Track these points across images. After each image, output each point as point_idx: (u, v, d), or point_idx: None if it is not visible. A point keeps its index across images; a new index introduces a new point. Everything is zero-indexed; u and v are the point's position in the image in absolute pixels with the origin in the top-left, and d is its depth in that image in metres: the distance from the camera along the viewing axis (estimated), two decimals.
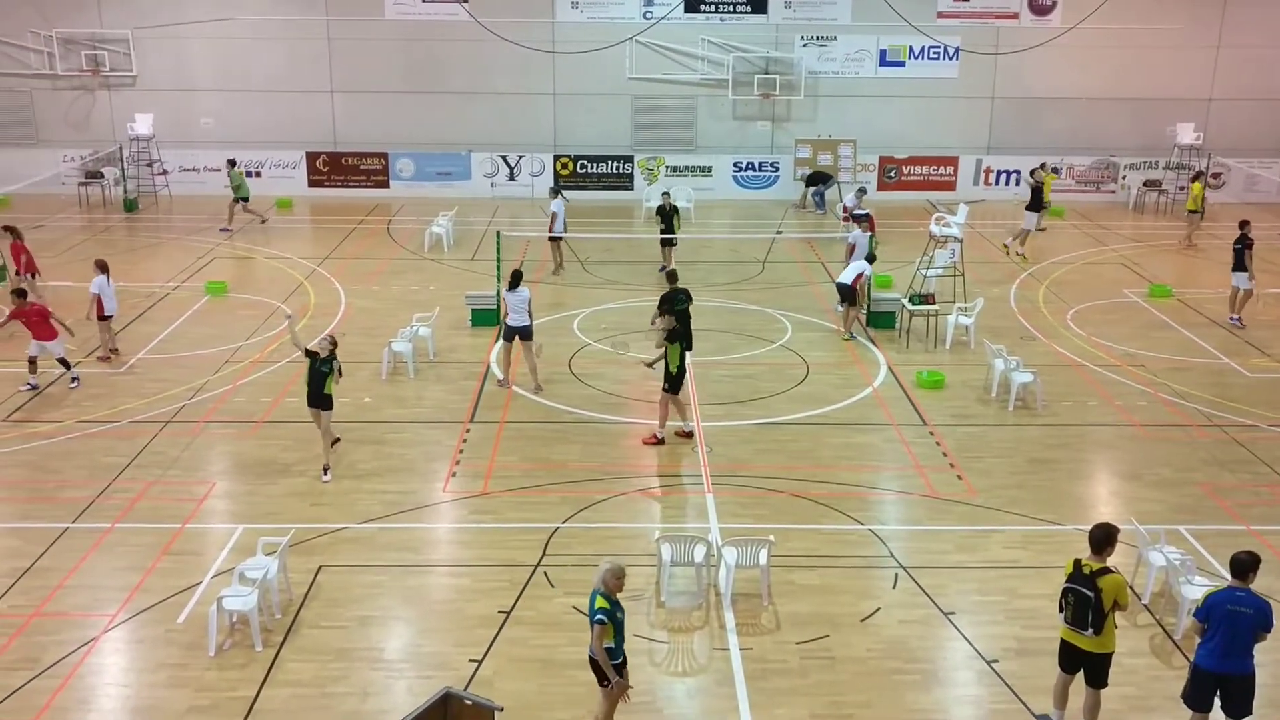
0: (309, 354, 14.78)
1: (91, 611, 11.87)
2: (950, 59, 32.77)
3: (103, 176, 31.66)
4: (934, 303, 20.79)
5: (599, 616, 9.29)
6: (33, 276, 21.22)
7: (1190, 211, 28.27)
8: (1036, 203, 27.16)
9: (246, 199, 28.74)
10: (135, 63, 32.10)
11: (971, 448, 16.18)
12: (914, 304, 20.71)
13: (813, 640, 11.48)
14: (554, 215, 24.65)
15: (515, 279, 18.07)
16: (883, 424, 17.05)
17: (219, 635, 11.20)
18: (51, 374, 18.15)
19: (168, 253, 26.48)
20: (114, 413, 16.97)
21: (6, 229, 21.43)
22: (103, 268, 19.33)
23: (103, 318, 19.10)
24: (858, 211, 26.91)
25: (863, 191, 27.68)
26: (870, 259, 21.07)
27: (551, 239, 25.00)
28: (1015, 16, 32.61)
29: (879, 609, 12.06)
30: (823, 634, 11.58)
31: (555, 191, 25.59)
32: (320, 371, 14.68)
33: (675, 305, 18.18)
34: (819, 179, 31.72)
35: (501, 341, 18.53)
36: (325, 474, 14.92)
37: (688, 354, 16.56)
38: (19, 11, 31.57)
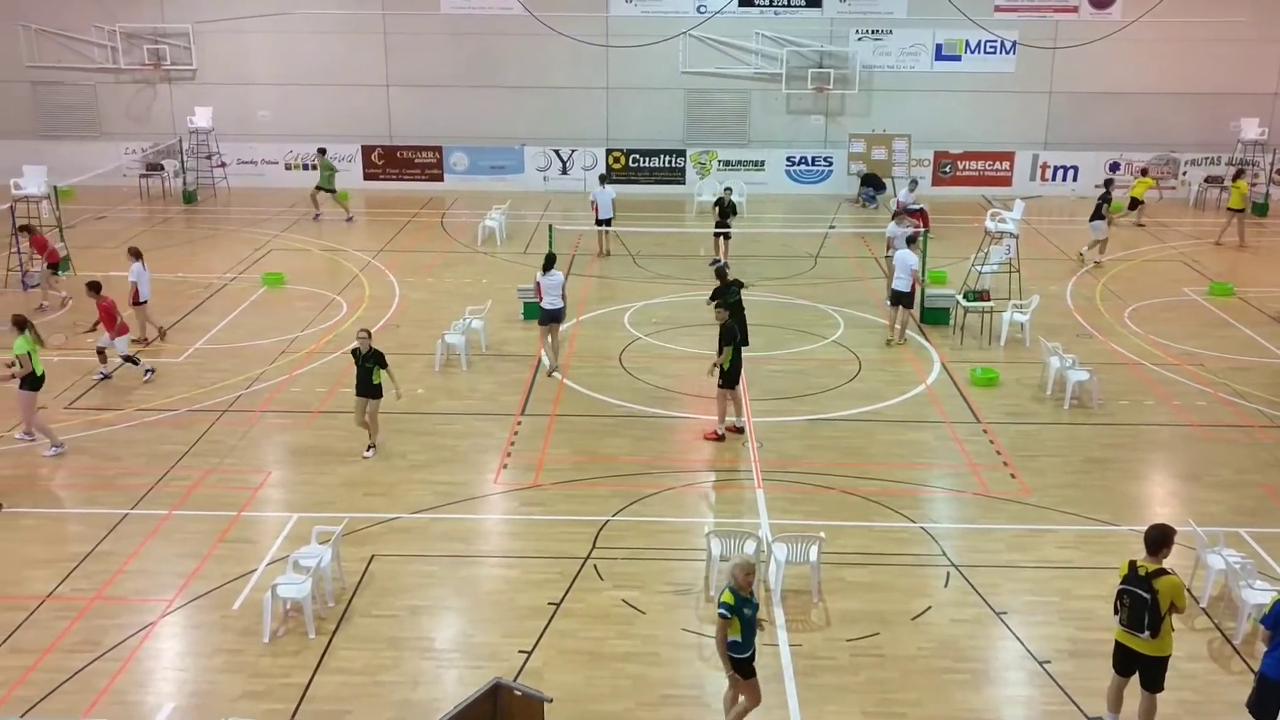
0: (353, 353, 15.25)
1: (150, 596, 12.08)
2: (1007, 53, 32.38)
3: (163, 169, 32.17)
4: (989, 299, 20.58)
5: (721, 611, 9.40)
6: (51, 267, 21.70)
7: (1234, 210, 27.61)
8: (1100, 211, 26.77)
9: (328, 190, 29.10)
10: (195, 57, 32.57)
11: (1025, 446, 16.00)
12: (968, 300, 20.51)
13: (863, 638, 11.42)
14: (593, 202, 25.69)
15: (549, 262, 18.49)
16: (935, 421, 16.90)
17: (273, 622, 11.35)
18: (114, 363, 18.49)
19: (225, 244, 26.85)
20: (172, 402, 17.25)
21: (25, 228, 22.03)
22: (137, 255, 19.78)
23: (138, 303, 19.52)
24: (911, 206, 26.72)
25: (915, 184, 27.43)
26: (910, 240, 20.73)
27: (598, 222, 25.68)
28: (1075, 10, 32.14)
29: (930, 607, 11.97)
30: (873, 631, 11.51)
31: (602, 180, 26.23)
32: (365, 367, 15.07)
33: (729, 298, 18.15)
34: (872, 181, 31.43)
35: (540, 328, 18.77)
36: (369, 450, 15.34)
37: (742, 349, 16.49)
38: (84, 7, 32.15)
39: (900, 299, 19.97)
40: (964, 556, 13.00)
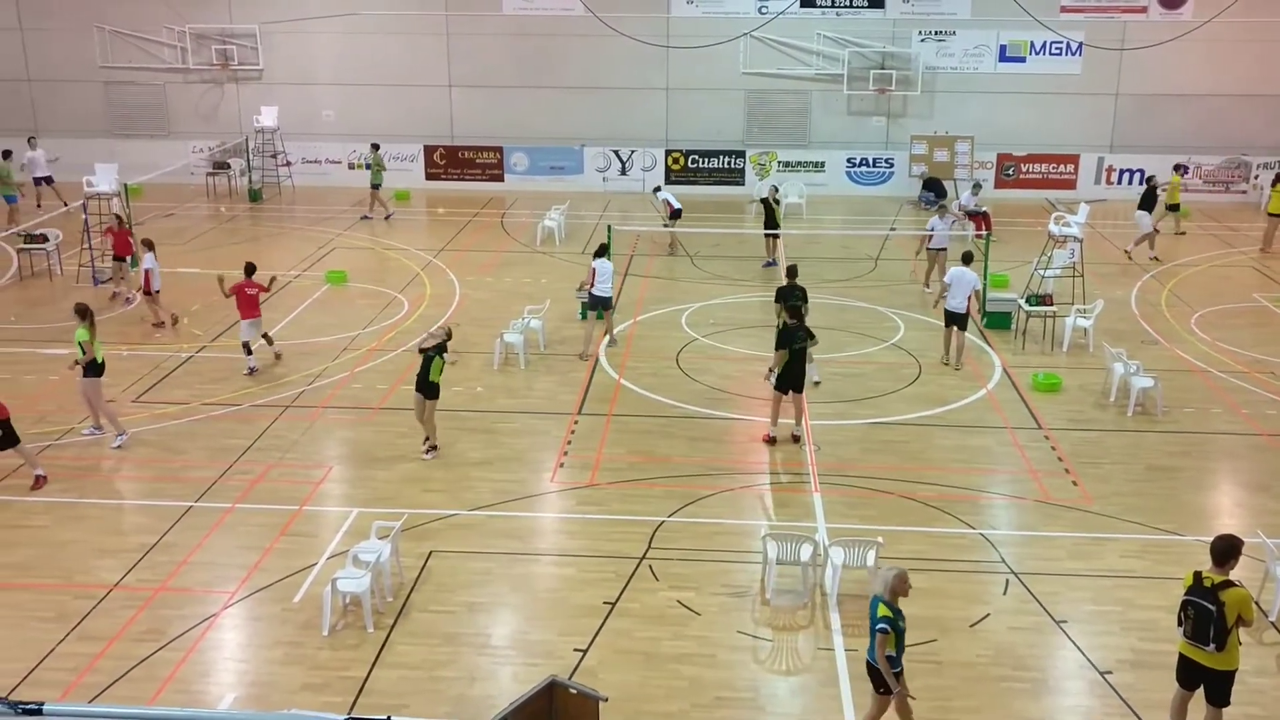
0: (422, 350, 15.32)
1: (213, 588, 12.29)
2: (1073, 54, 31.91)
3: (229, 167, 32.69)
4: (1052, 304, 20.31)
5: (881, 625, 9.17)
6: (125, 260, 22.05)
7: (1272, 215, 26.87)
8: (1148, 203, 26.35)
9: (378, 186, 29.41)
10: (262, 57, 33.07)
11: (1088, 453, 15.78)
12: (1031, 305, 20.26)
13: (920, 644, 11.32)
14: (665, 201, 26.25)
15: (601, 250, 19.54)
16: (996, 426, 16.72)
17: (333, 616, 11.51)
18: (236, 355, 18.84)
19: (289, 242, 27.23)
20: (235, 396, 17.54)
21: (116, 217, 22.45)
22: (150, 245, 20.51)
23: (149, 293, 20.22)
24: (973, 209, 26.46)
25: (978, 187, 27.15)
26: (967, 259, 19.42)
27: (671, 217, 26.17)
28: (1144, 10, 31.60)
29: (989, 614, 11.85)
30: (931, 638, 11.42)
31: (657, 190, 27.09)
32: (428, 357, 15.11)
33: (790, 300, 18.10)
34: (933, 186, 31.07)
35: (590, 314, 19.59)
36: (428, 452, 15.39)
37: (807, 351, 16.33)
38: (155, 8, 32.77)
39: (955, 320, 18.97)
40: (1024, 564, 12.85)
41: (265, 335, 18.86)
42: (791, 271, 19.04)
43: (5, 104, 33.56)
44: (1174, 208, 28.27)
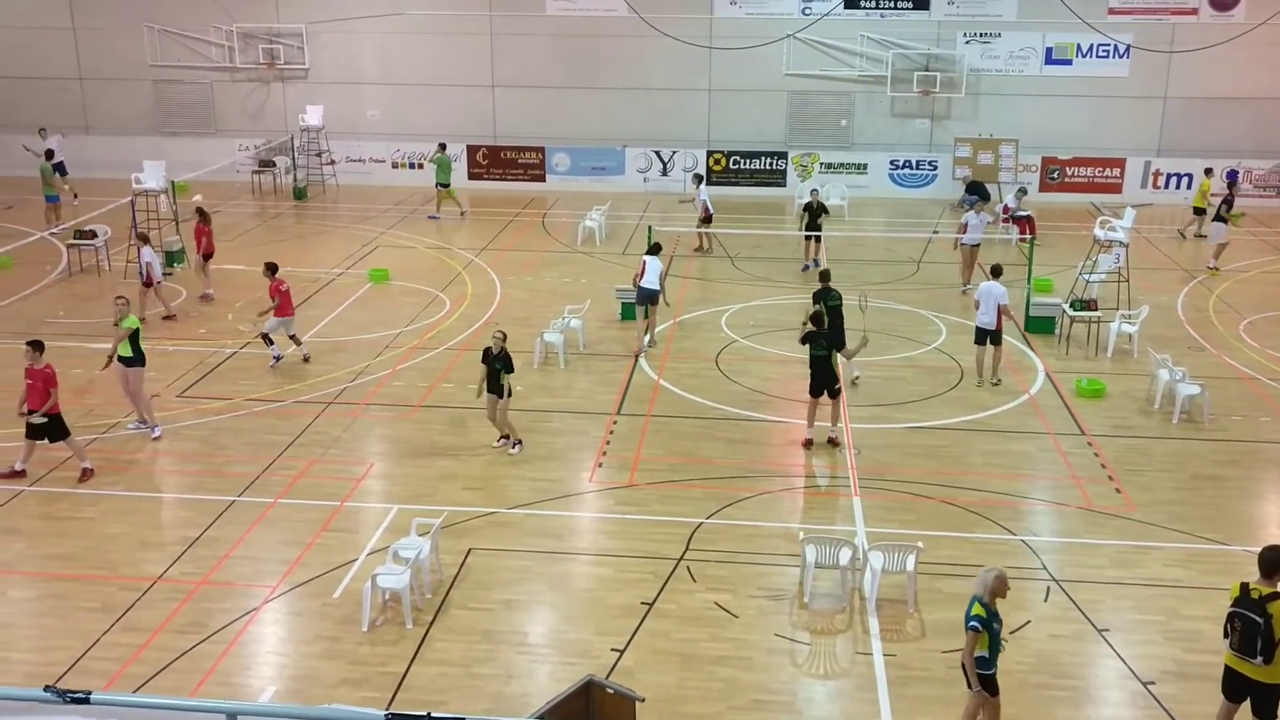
0: (485, 351, 15.46)
1: (254, 582, 12.42)
2: (1121, 57, 31.57)
3: (274, 165, 33.03)
4: (1096, 309, 20.10)
5: (973, 623, 9.11)
6: (206, 259, 22.31)
7: None
8: (1220, 214, 25.93)
9: (445, 185, 29.67)
10: (308, 56, 33.38)
11: (1132, 460, 15.60)
12: (1075, 310, 20.06)
13: (959, 650, 11.22)
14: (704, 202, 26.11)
15: (654, 249, 19.81)
16: (1038, 432, 16.57)
17: (372, 611, 11.59)
18: (257, 351, 19.05)
19: (333, 240, 27.46)
20: (279, 393, 17.71)
21: (198, 210, 22.61)
22: (145, 239, 21.23)
23: (149, 284, 20.71)
24: (1018, 213, 26.25)
25: (1023, 192, 26.93)
26: (996, 272, 18.59)
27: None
28: (1194, 12, 31.19)
29: (1029, 621, 11.75)
30: None
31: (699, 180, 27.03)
32: (494, 368, 15.28)
33: (827, 302, 18.03)
34: (977, 190, 30.75)
35: (638, 308, 19.75)
36: (514, 447, 15.55)
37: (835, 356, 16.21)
38: (204, 8, 33.17)
39: (986, 335, 18.18)
40: (1065, 571, 12.73)
41: (294, 336, 18.97)
42: (825, 275, 18.95)
43: (57, 101, 34.10)
44: (1200, 210, 27.86)
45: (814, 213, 24.87)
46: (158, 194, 24.75)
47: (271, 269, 18.81)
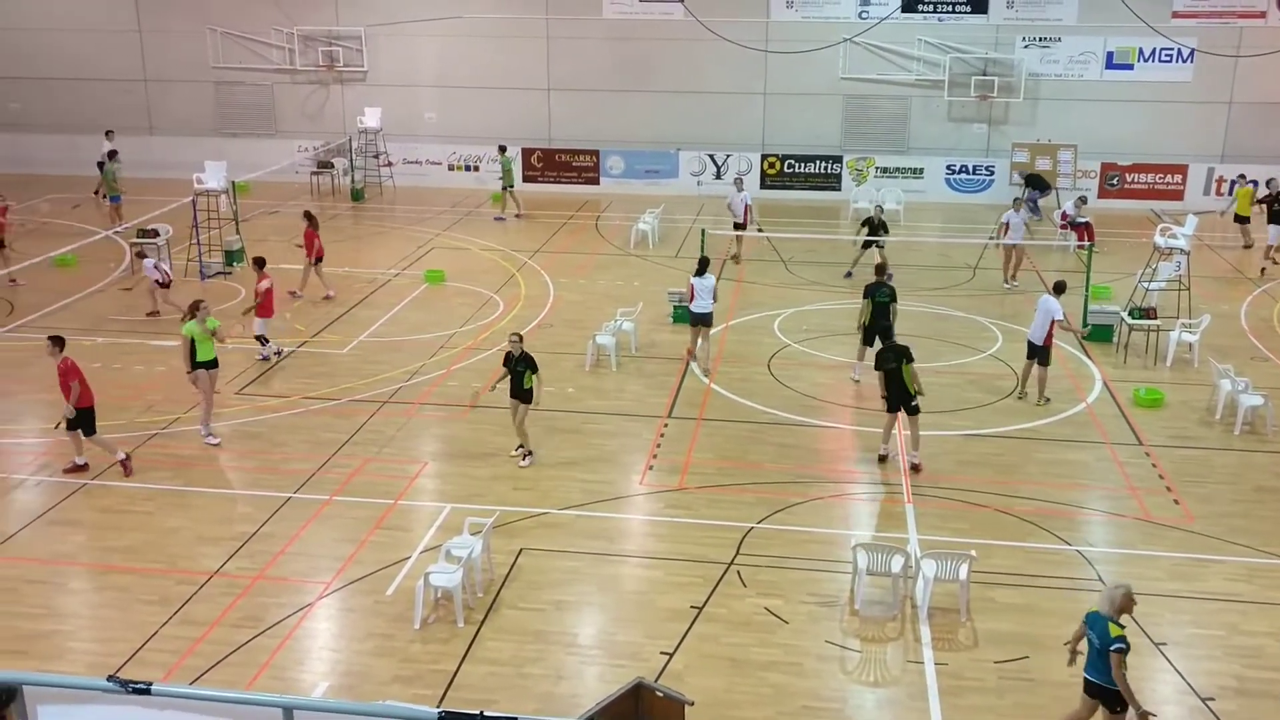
0: (506, 356, 15.39)
1: (308, 578, 12.57)
2: (1184, 61, 31.07)
3: (333, 166, 33.43)
4: (1155, 317, 19.81)
5: (1118, 645, 8.98)
6: (318, 261, 22.55)
7: None
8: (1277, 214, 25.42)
9: (510, 186, 30.00)
10: (366, 59, 33.76)
11: (1191, 472, 15.34)
12: (1134, 318, 19.78)
13: (1012, 660, 11.13)
14: (747, 207, 25.83)
15: (702, 266, 18.87)
16: (1095, 442, 16.35)
17: (424, 610, 11.69)
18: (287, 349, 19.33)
19: (390, 241, 27.73)
20: (335, 391, 17.92)
21: (306, 214, 22.89)
22: (155, 234, 22.15)
23: (165, 285, 21.26)
24: (1077, 219, 25.94)
25: (1083, 200, 26.60)
26: (1059, 288, 17.94)
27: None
28: (1262, 15, 30.62)
29: None
30: (1023, 654, 11.22)
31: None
32: (516, 370, 15.19)
33: (877, 297, 17.93)
34: (1036, 183, 30.47)
35: (690, 329, 19.14)
36: (525, 459, 15.36)
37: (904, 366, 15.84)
38: (265, 11, 33.68)
39: (1036, 353, 17.62)
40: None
41: (260, 338, 19.15)
42: (880, 269, 18.80)
43: (122, 103, 34.78)
44: (1243, 219, 27.22)
45: (873, 228, 24.47)
46: (218, 194, 25.13)
47: (259, 264, 19.22)
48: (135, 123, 34.33)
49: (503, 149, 30.80)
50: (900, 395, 15.28)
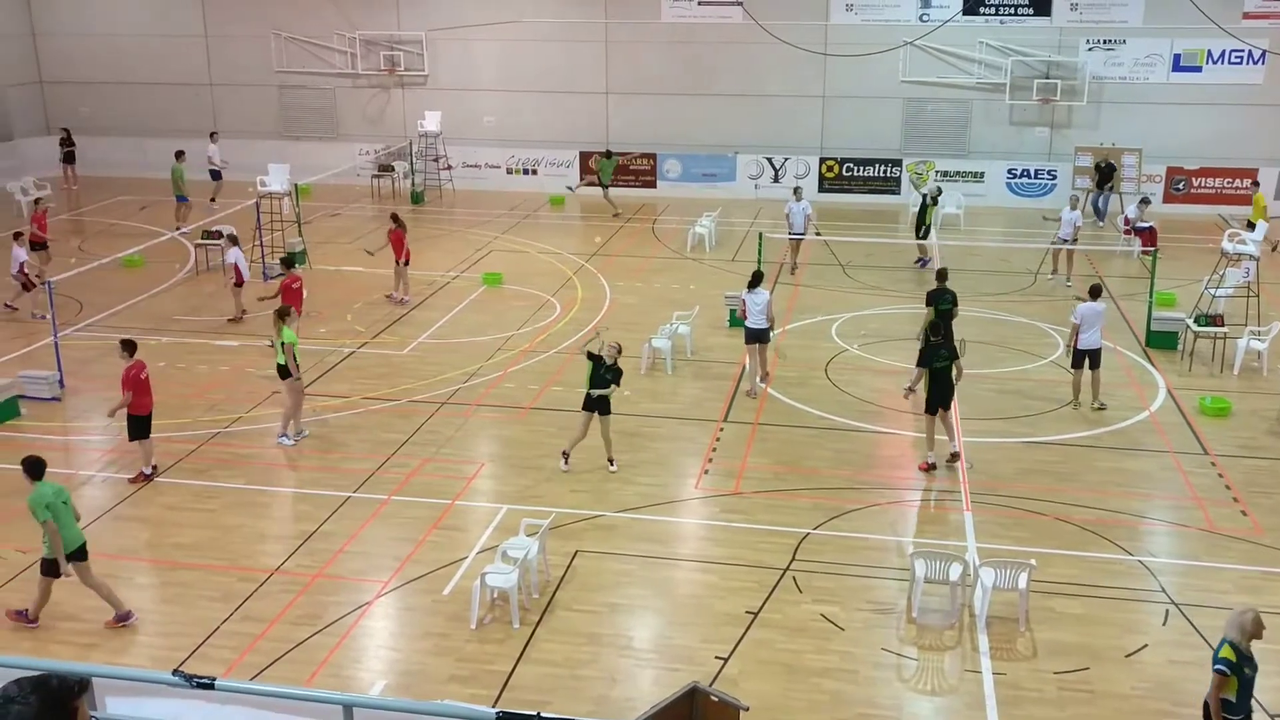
0: (592, 357, 15.12)
1: (367, 577, 12.71)
2: (1255, 63, 30.44)
3: (393, 170, 33.77)
4: (1222, 324, 19.43)
5: (1220, 666, 8.76)
6: (406, 263, 22.73)
7: None
8: None
9: (607, 185, 30.34)
10: (427, 63, 34.08)
11: (1259, 482, 15.03)
12: (1200, 325, 19.43)
13: (1072, 671, 10.98)
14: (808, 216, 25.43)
15: (755, 280, 18.18)
16: (1158, 450, 16.08)
17: (480, 610, 11.77)
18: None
19: (449, 244, 27.96)
20: (395, 392, 18.10)
21: (393, 216, 23.12)
22: (235, 240, 21.93)
23: (240, 284, 21.20)
24: (1140, 224, 25.52)
25: (1146, 202, 26.17)
26: (1095, 292, 17.63)
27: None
28: None
29: (1146, 645, 11.40)
30: (1083, 666, 11.05)
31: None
32: (604, 378, 14.99)
33: (939, 304, 17.84)
34: (1106, 174, 29.76)
35: (746, 346, 18.35)
36: (612, 464, 15.31)
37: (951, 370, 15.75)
38: (328, 15, 34.13)
39: (1084, 359, 17.29)
40: (1185, 594, 12.32)
41: None
42: (941, 275, 18.65)
43: (188, 105, 35.41)
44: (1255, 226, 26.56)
45: (924, 207, 24.63)
46: (281, 196, 25.50)
47: (287, 264, 19.40)
48: (201, 126, 34.90)
49: (608, 154, 31.05)
50: (945, 393, 15.25)
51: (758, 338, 18.03)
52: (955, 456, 15.51)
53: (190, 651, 11.27)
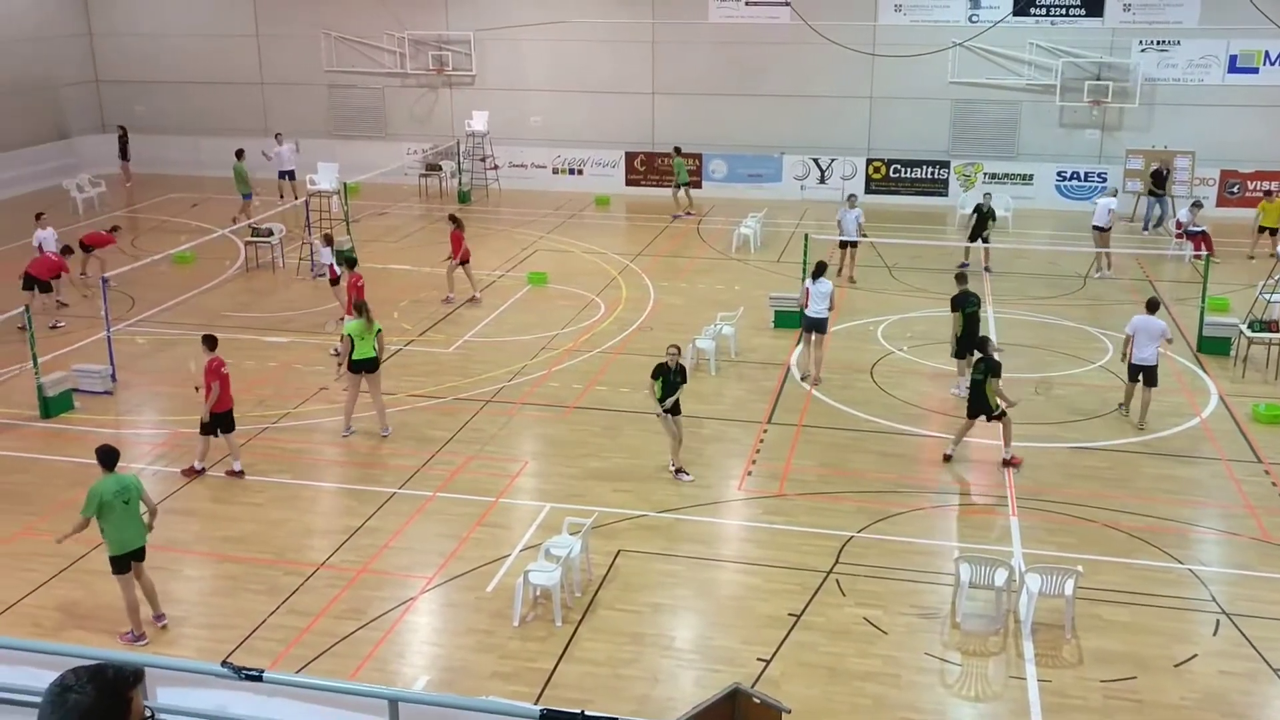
0: (660, 370, 14.92)
1: (411, 573, 12.81)
2: None
3: (440, 169, 33.97)
4: (1277, 330, 19.10)
5: None
6: (464, 264, 22.81)
7: None
8: None
9: (683, 184, 30.42)
10: (475, 63, 34.26)
11: None
12: (1254, 330, 19.11)
13: (1119, 680, 10.84)
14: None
15: (819, 269, 18.44)
16: (1210, 458, 15.84)
17: (523, 607, 11.81)
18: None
19: (495, 243, 28.08)
20: (440, 389, 18.22)
21: (451, 218, 23.27)
22: (329, 240, 22.04)
23: (336, 282, 21.00)
24: (1192, 228, 25.17)
25: (1198, 206, 25.77)
26: (1152, 306, 16.98)
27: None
28: None
29: (1196, 655, 11.24)
30: (1130, 675, 10.92)
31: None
32: (674, 383, 14.87)
33: (965, 308, 17.80)
34: (1159, 179, 29.24)
35: (802, 335, 18.83)
36: (683, 474, 15.09)
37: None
38: (378, 15, 34.40)
39: (1140, 373, 16.68)
40: (1237, 605, 12.13)
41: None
42: (961, 278, 18.72)
43: (240, 105, 35.84)
44: (1272, 230, 26.04)
45: (982, 217, 24.32)
46: (330, 195, 25.74)
47: (350, 264, 19.35)
48: (252, 124, 35.31)
49: (678, 150, 31.07)
50: (978, 404, 15.24)
51: (814, 327, 18.23)
52: (1008, 463, 15.34)
53: (237, 644, 11.40)
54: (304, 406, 17.44)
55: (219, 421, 15.00)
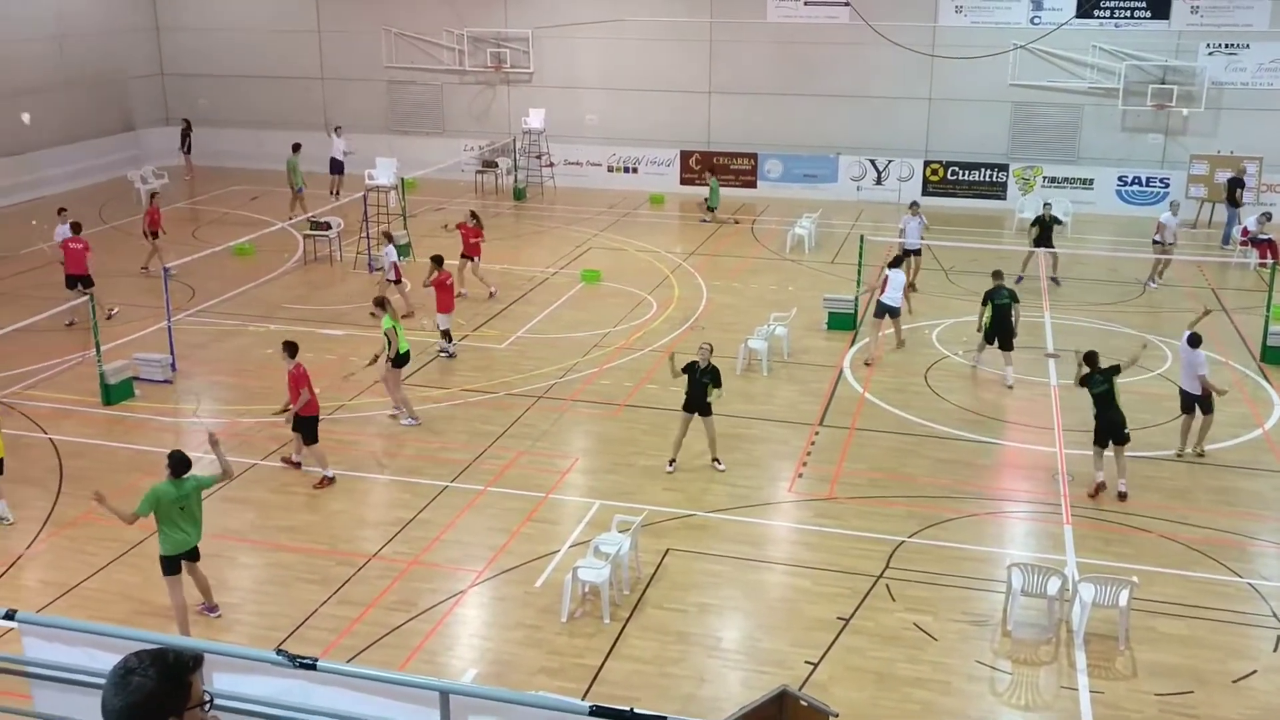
0: (687, 369, 15.02)
1: (461, 566, 12.90)
2: None
3: (497, 166, 34.14)
4: None
5: None
6: (469, 259, 23.03)
7: None
8: None
9: (713, 209, 30.37)
10: (533, 61, 34.40)
11: None
12: None
13: (1174, 694, 10.67)
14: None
15: (897, 261, 19.95)
16: (1272, 470, 15.53)
17: (571, 603, 11.86)
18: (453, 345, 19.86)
19: (549, 240, 28.19)
20: (493, 384, 18.32)
21: (472, 214, 23.45)
22: (389, 237, 22.22)
23: (399, 281, 21.17)
24: (1259, 236, 24.71)
25: (1268, 216, 25.25)
26: (1194, 341, 15.84)
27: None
28: None
29: (1255, 671, 11.04)
30: (1186, 689, 10.74)
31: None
32: (700, 381, 14.93)
33: (996, 301, 17.94)
34: (1235, 185, 28.56)
35: (871, 318, 19.79)
36: (718, 463, 15.27)
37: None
38: (437, 13, 34.66)
39: (1191, 401, 15.86)
40: None
41: (446, 333, 19.46)
42: (997, 274, 18.95)
43: (300, 100, 36.25)
44: None
45: (1045, 226, 23.99)
46: (388, 190, 25.96)
47: (437, 261, 19.40)
48: (312, 120, 35.71)
49: (712, 169, 31.16)
50: (1111, 424, 14.43)
51: (889, 312, 19.38)
52: (1122, 496, 14.52)
53: (289, 632, 11.55)
54: (359, 399, 17.62)
55: (301, 425, 14.88)
